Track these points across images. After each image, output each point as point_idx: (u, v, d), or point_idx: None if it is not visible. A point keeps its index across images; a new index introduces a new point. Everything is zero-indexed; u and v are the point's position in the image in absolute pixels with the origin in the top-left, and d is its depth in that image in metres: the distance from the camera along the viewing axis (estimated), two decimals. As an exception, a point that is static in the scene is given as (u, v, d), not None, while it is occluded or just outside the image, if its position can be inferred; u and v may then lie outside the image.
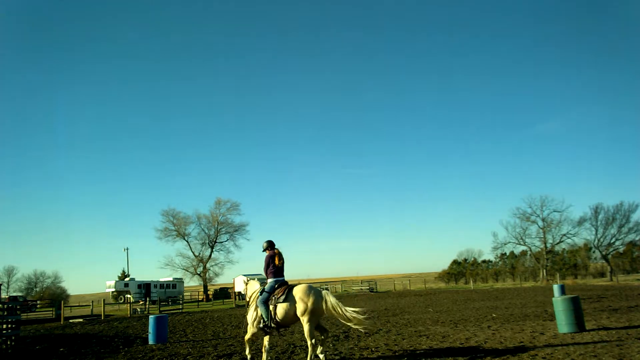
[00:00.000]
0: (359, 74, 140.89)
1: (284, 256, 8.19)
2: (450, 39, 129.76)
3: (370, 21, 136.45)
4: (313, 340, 7.38)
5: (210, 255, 54.24)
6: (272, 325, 7.72)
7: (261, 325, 7.82)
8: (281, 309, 7.58)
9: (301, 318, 7.47)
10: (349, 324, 7.52)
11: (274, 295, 7.74)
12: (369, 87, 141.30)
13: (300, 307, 7.43)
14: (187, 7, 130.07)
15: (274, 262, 8.06)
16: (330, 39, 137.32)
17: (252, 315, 8.09)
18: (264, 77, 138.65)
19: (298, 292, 7.59)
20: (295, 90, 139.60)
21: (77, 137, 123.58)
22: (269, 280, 8.03)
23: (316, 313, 7.45)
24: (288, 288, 7.76)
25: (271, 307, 7.68)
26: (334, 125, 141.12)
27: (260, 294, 7.95)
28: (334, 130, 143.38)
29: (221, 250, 55.22)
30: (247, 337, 8.22)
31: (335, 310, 7.46)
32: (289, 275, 8.49)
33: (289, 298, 7.58)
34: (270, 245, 8.24)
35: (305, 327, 7.40)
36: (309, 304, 7.40)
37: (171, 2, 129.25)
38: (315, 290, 7.61)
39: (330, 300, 7.53)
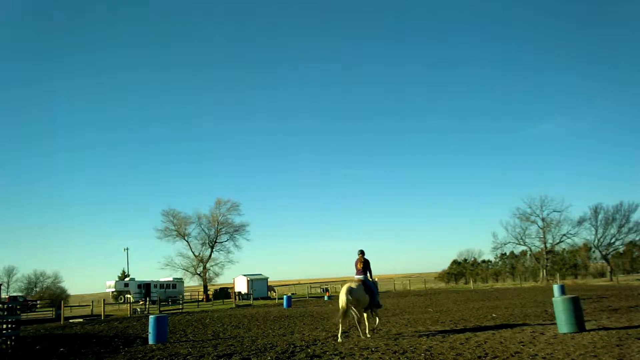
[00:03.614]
0: (359, 74, 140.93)
1: (369, 260, 11.25)
2: (450, 38, 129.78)
3: (370, 20, 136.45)
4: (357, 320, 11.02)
5: (210, 255, 54.17)
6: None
7: None
8: None
9: None
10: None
11: None
12: (369, 87, 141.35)
13: None
14: (186, 3, 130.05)
15: (356, 265, 11.17)
16: (331, 38, 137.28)
17: None
18: (264, 77, 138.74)
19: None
20: (296, 90, 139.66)
21: (78, 137, 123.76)
22: None
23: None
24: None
25: None
26: (334, 125, 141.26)
27: None
28: (334, 130, 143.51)
29: (221, 250, 55.13)
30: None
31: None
32: (290, 274, 9.30)
33: None
34: (358, 252, 11.32)
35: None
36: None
37: None
38: (344, 288, 10.38)
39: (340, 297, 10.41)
